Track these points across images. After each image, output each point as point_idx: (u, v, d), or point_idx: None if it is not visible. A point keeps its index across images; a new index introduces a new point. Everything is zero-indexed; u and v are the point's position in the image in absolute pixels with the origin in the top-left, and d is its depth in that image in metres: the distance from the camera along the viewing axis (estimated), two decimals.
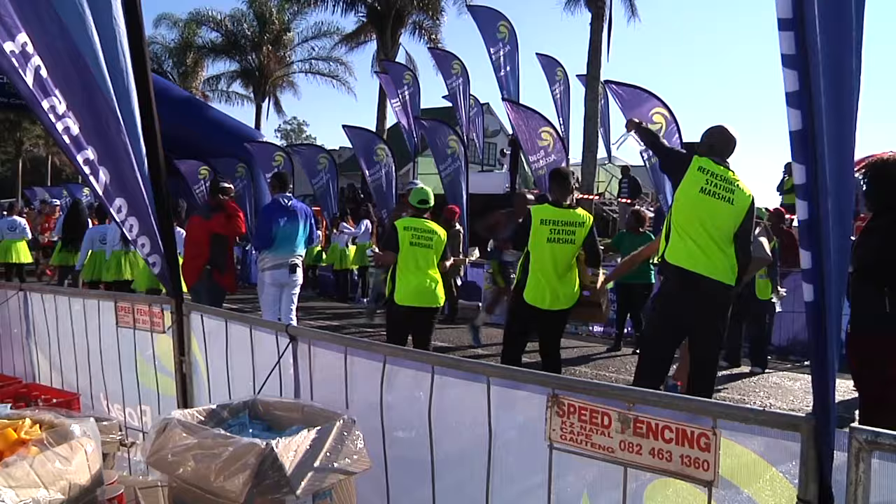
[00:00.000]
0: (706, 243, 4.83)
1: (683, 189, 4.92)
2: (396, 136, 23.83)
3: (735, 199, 4.85)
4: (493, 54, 18.54)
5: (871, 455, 1.71)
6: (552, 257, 5.80)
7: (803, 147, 1.53)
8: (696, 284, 4.82)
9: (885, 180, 4.38)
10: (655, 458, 2.07)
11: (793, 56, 1.49)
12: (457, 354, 8.20)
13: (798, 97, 1.51)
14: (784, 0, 1.47)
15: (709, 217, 4.84)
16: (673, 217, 5.01)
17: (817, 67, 1.49)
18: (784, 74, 1.51)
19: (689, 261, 4.85)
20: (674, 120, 12.33)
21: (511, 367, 2.67)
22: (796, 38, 1.47)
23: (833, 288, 1.64)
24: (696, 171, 4.88)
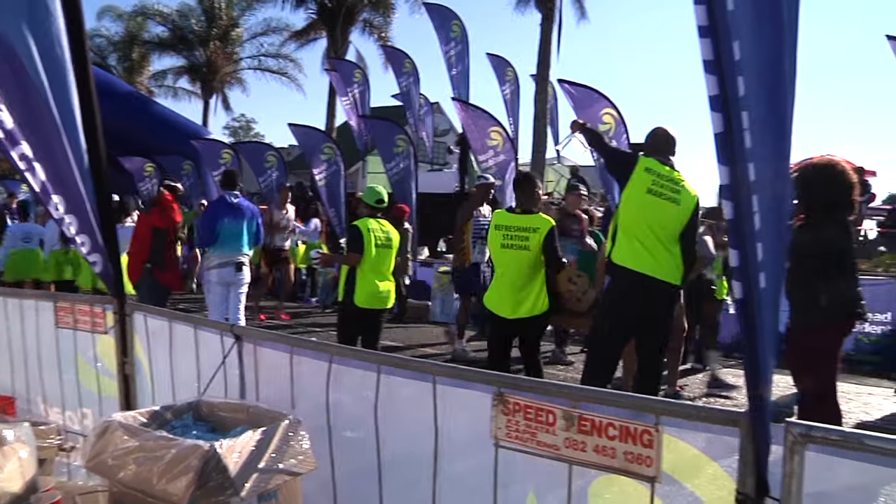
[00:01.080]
0: (652, 244, 4.90)
1: (630, 190, 4.98)
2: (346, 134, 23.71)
3: (681, 200, 4.93)
4: (446, 53, 18.55)
5: (805, 448, 1.76)
6: (508, 264, 5.73)
7: (726, 149, 1.57)
8: (643, 284, 4.89)
9: (814, 183, 4.52)
10: (599, 455, 2.09)
11: (711, 61, 1.53)
12: (405, 354, 8.23)
13: (719, 101, 1.55)
14: (700, 8, 1.51)
15: (655, 218, 4.91)
16: (619, 218, 5.07)
17: (735, 72, 1.53)
18: (706, 79, 1.55)
19: (635, 261, 4.91)
20: (622, 121, 12.49)
21: (457, 367, 2.69)
22: (713, 44, 1.52)
23: (767, 285, 1.68)
24: (643, 171, 4.95)
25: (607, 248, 5.19)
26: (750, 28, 1.59)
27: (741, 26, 1.55)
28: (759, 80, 1.61)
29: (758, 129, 1.61)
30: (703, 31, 1.53)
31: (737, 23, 1.54)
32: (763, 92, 1.63)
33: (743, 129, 1.57)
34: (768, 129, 1.63)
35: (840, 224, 4.52)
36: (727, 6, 1.53)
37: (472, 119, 12.62)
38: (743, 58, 1.55)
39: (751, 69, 1.57)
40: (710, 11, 1.52)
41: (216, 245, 7.71)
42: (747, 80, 1.57)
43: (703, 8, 1.53)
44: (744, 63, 1.56)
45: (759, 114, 1.60)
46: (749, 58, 1.57)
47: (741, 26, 1.55)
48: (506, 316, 5.70)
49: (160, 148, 17.35)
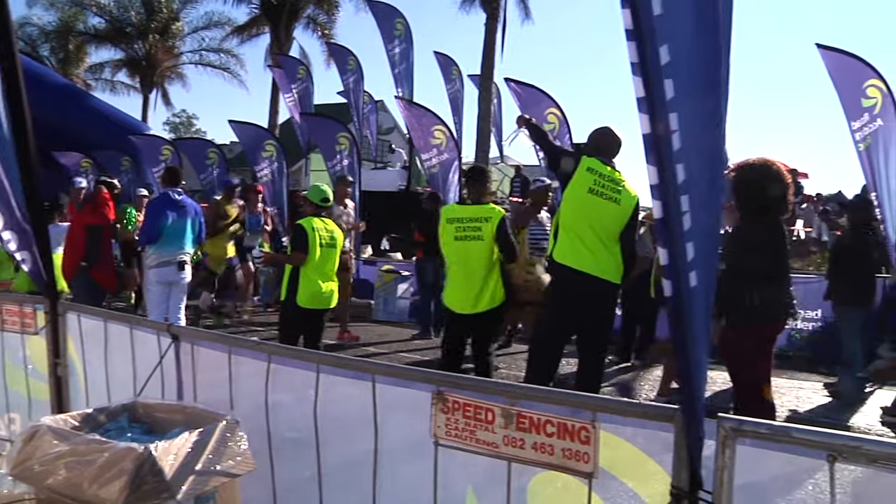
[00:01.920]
0: (593, 243, 4.95)
1: (572, 189, 5.02)
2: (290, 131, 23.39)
3: (622, 200, 4.99)
4: (390, 51, 18.48)
5: (736, 442, 1.80)
6: (464, 257, 5.68)
7: (653, 149, 1.60)
8: (584, 283, 4.94)
9: (750, 184, 4.63)
10: (538, 452, 2.11)
11: (638, 64, 1.56)
12: (348, 353, 8.17)
13: (645, 103, 1.57)
14: (626, 12, 1.54)
15: (596, 217, 4.96)
16: (561, 216, 5.11)
17: (661, 75, 1.56)
18: (633, 81, 1.58)
19: (576, 260, 4.96)
20: (566, 121, 12.64)
21: (396, 366, 2.68)
22: (638, 47, 1.54)
23: (698, 284, 1.71)
24: (585, 171, 4.99)
25: (549, 246, 5.23)
26: (683, 31, 1.62)
27: (671, 30, 1.58)
28: (690, 82, 1.64)
29: (688, 130, 1.63)
30: (630, 34, 1.56)
31: (665, 26, 1.56)
32: (695, 95, 1.66)
33: (672, 131, 1.60)
34: (699, 130, 1.66)
35: (774, 224, 4.63)
36: (653, 10, 1.55)
37: (416, 117, 12.61)
38: (672, 60, 1.58)
39: (681, 72, 1.60)
40: (636, 15, 1.55)
41: (158, 243, 7.53)
42: (677, 83, 1.59)
43: (629, 12, 1.55)
44: (673, 66, 1.58)
45: (689, 116, 1.63)
46: (680, 60, 1.60)
47: (671, 30, 1.58)
48: (466, 312, 5.68)
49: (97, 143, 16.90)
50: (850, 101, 12.26)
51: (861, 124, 12.27)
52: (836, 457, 1.71)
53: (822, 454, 1.74)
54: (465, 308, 5.68)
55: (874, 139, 12.25)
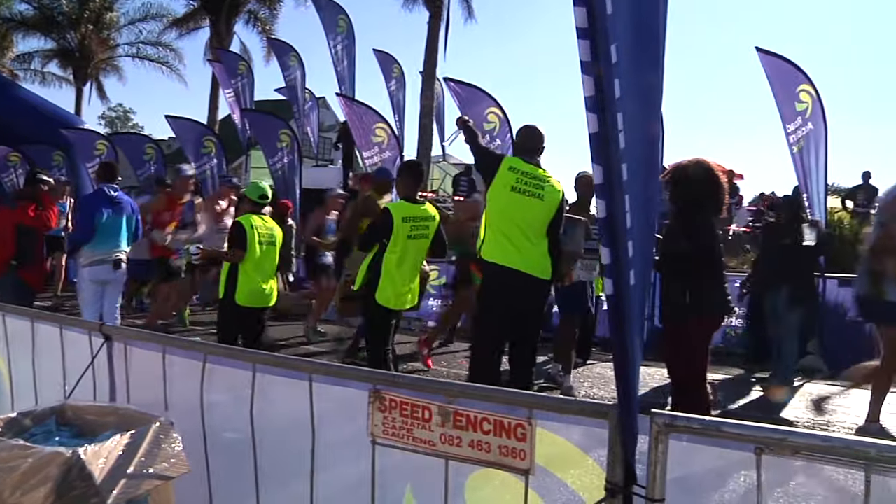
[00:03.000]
0: (518, 239, 5.05)
1: (495, 188, 5.15)
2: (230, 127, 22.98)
3: (545, 195, 5.10)
4: (333, 48, 18.33)
5: (669, 437, 1.83)
6: (412, 254, 5.71)
7: (600, 149, 1.61)
8: (512, 280, 5.02)
9: (684, 184, 4.73)
10: (475, 450, 2.11)
11: (589, 63, 1.57)
12: (288, 352, 8.08)
13: (594, 101, 1.58)
14: (580, 11, 1.55)
15: (520, 214, 5.07)
16: (487, 215, 5.21)
17: (611, 74, 1.57)
18: (582, 80, 1.58)
19: (503, 257, 5.06)
20: (507, 120, 12.70)
21: (332, 364, 2.66)
22: (591, 46, 1.55)
23: (636, 281, 1.74)
24: (507, 170, 5.11)
25: (478, 245, 5.31)
26: (626, 32, 1.63)
27: (618, 30, 1.59)
28: (633, 82, 1.66)
29: (631, 130, 1.65)
30: (582, 32, 1.56)
31: (614, 26, 1.58)
32: (637, 95, 1.67)
33: (618, 131, 1.61)
34: (641, 130, 1.68)
35: (709, 224, 4.74)
36: (607, 9, 1.56)
37: (357, 115, 12.52)
38: (619, 60, 1.59)
39: (626, 72, 1.62)
40: (591, 14, 1.55)
41: (92, 241, 7.29)
42: (622, 83, 1.61)
43: (584, 10, 1.55)
44: (619, 66, 1.59)
45: (632, 115, 1.65)
46: (624, 61, 1.61)
47: (618, 30, 1.59)
48: (400, 308, 5.73)
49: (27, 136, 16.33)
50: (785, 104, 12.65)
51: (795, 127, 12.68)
52: (763, 449, 1.76)
53: (751, 447, 1.78)
54: (400, 304, 5.72)
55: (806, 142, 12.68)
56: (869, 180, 15.96)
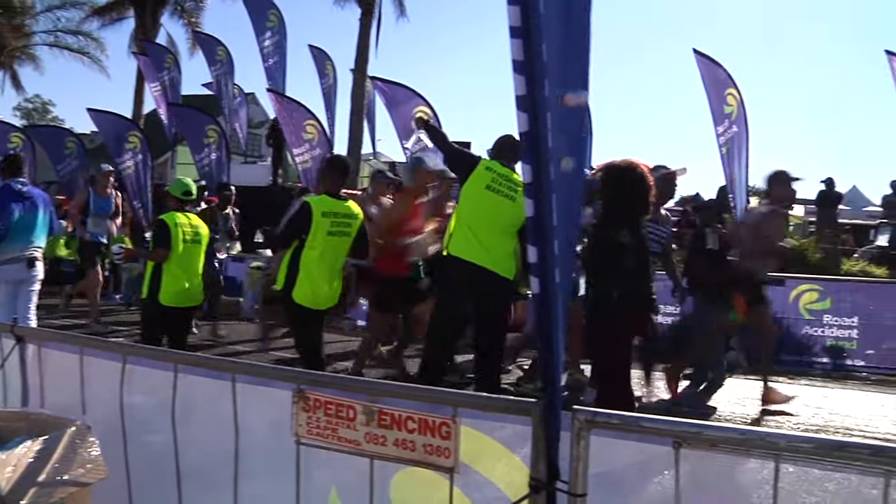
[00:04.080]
0: (487, 237, 5.11)
1: (470, 185, 5.22)
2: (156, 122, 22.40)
3: (517, 198, 5.16)
4: (262, 43, 18.05)
5: (590, 433, 1.86)
6: (332, 252, 5.57)
7: (531, 148, 1.62)
8: (475, 276, 5.06)
9: (614, 183, 4.82)
10: (399, 449, 2.11)
11: (521, 62, 1.57)
12: (214, 352, 7.93)
13: (526, 101, 1.59)
14: (514, 9, 1.55)
15: (492, 212, 5.14)
16: (459, 212, 5.25)
17: (543, 73, 1.58)
18: (514, 79, 1.59)
19: (468, 252, 5.11)
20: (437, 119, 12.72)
21: (255, 364, 2.62)
22: (524, 45, 1.56)
23: (559, 279, 1.76)
24: (484, 170, 5.24)
25: (445, 242, 5.33)
26: (556, 31, 1.64)
27: (548, 29, 1.60)
28: (561, 82, 1.67)
29: (557, 129, 1.67)
30: (515, 31, 1.56)
31: (545, 25, 1.58)
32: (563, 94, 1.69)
33: (547, 129, 1.62)
34: (566, 129, 1.70)
35: (637, 223, 4.81)
36: (540, 9, 1.56)
37: (288, 111, 12.39)
38: (548, 60, 1.60)
39: (554, 71, 1.63)
40: (525, 12, 1.55)
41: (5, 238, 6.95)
42: (551, 82, 1.62)
43: (518, 9, 1.55)
44: (549, 65, 1.60)
45: (557, 115, 1.66)
46: (553, 60, 1.62)
47: (548, 29, 1.60)
48: (321, 307, 5.60)
49: None
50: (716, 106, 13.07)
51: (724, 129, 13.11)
52: (681, 443, 1.80)
53: (669, 441, 1.83)
54: (320, 304, 5.59)
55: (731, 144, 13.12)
56: None
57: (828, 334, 9.57)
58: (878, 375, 8.48)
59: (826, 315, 9.58)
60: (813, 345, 9.60)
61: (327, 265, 5.55)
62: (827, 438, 1.86)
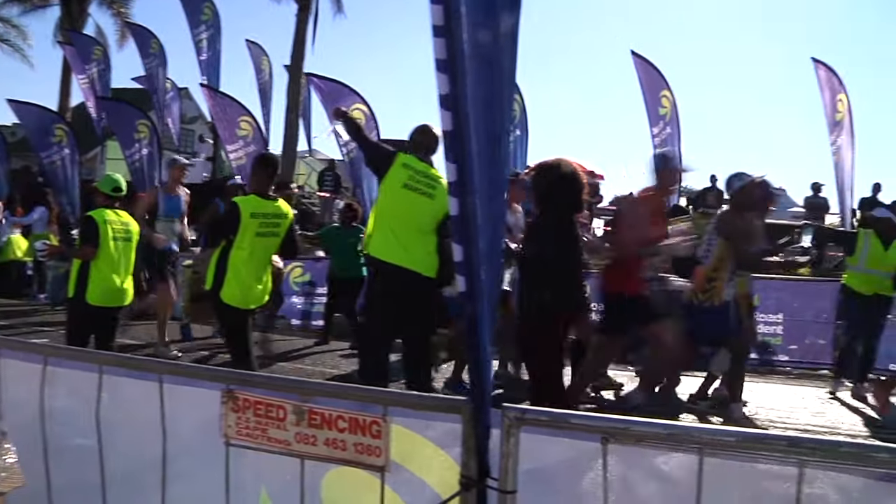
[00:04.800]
0: (406, 237, 5.04)
1: (387, 184, 5.11)
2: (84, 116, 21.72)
3: (436, 195, 5.11)
4: (196, 36, 17.69)
5: (520, 430, 1.88)
6: (261, 252, 5.48)
7: (454, 146, 1.63)
8: (398, 277, 5.01)
9: (546, 183, 4.87)
10: (330, 448, 2.09)
11: (444, 61, 1.58)
12: (145, 353, 7.73)
13: (449, 99, 1.60)
14: (436, 8, 1.55)
15: (410, 211, 5.07)
16: (377, 211, 5.19)
17: (465, 73, 1.59)
18: (437, 78, 1.59)
19: (389, 253, 5.04)
20: (373, 117, 12.69)
21: (183, 364, 2.57)
22: (447, 44, 1.56)
23: (486, 278, 1.77)
24: (401, 167, 5.10)
25: (365, 240, 5.27)
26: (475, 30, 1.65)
27: (467, 27, 1.61)
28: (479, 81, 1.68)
29: (481, 128, 1.67)
30: (438, 30, 1.57)
31: (466, 24, 1.59)
32: (482, 93, 1.70)
33: (471, 128, 1.63)
34: (485, 128, 1.71)
35: (569, 221, 4.86)
36: (462, 8, 1.57)
37: (222, 107, 12.20)
38: (469, 58, 1.61)
39: (476, 71, 1.64)
40: (447, 11, 1.56)
41: None
42: (471, 81, 1.63)
43: (440, 8, 1.56)
44: (469, 63, 1.61)
45: (478, 114, 1.67)
46: (471, 58, 1.63)
47: (467, 27, 1.61)
48: (249, 307, 5.51)
49: None
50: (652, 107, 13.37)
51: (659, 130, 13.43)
52: (609, 438, 1.83)
53: (597, 437, 1.86)
54: (249, 303, 5.49)
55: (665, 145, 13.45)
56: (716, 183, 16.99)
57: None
58: (801, 370, 8.78)
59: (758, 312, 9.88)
60: None
61: (256, 265, 5.47)
62: (748, 431, 1.93)
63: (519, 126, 11.68)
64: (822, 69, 14.09)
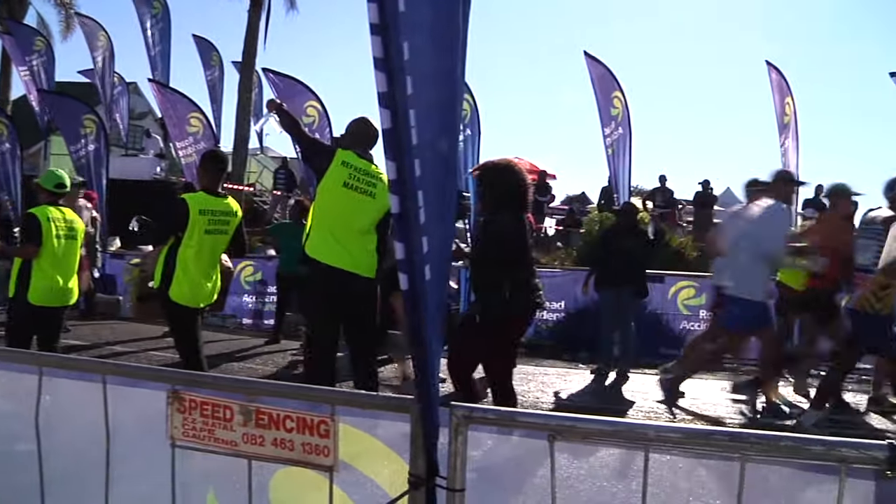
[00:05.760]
0: (345, 237, 4.94)
1: (326, 183, 4.99)
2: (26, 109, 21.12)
3: (377, 193, 5.01)
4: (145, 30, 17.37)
5: (468, 428, 1.89)
6: (209, 250, 5.40)
7: (394, 144, 1.63)
8: (337, 278, 4.92)
9: (493, 182, 4.87)
10: (278, 449, 2.07)
11: (381, 59, 1.58)
12: (91, 353, 7.59)
13: (387, 97, 1.60)
14: (373, 6, 1.55)
15: (350, 211, 4.95)
16: (315, 211, 5.07)
17: (403, 71, 1.59)
18: (375, 76, 1.59)
19: (328, 255, 4.92)
20: (326, 115, 12.62)
21: (127, 364, 2.52)
22: (384, 42, 1.56)
23: (432, 276, 1.77)
24: (340, 165, 4.96)
25: (304, 239, 5.17)
26: (421, 28, 1.65)
27: (412, 27, 1.61)
28: (425, 80, 1.68)
29: (424, 126, 1.67)
30: (375, 28, 1.57)
31: (407, 22, 1.59)
32: (427, 92, 1.70)
33: (410, 127, 1.63)
34: (431, 127, 1.71)
35: (517, 220, 4.87)
36: (399, 7, 1.57)
37: (171, 103, 12.00)
38: (411, 58, 1.61)
39: (418, 68, 1.64)
40: (382, 10, 1.56)
41: None
42: (414, 80, 1.62)
43: (376, 6, 1.56)
44: (412, 62, 1.61)
45: (423, 112, 1.67)
46: (417, 57, 1.63)
47: (412, 27, 1.61)
48: (198, 305, 5.44)
49: None
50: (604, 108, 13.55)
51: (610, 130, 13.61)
52: (556, 436, 1.85)
53: (544, 435, 1.87)
54: (198, 301, 5.43)
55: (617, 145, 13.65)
56: (665, 183, 17.31)
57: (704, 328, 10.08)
58: (747, 367, 8.97)
59: (702, 310, 10.10)
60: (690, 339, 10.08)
61: (205, 263, 5.41)
62: (692, 427, 1.97)
63: (470, 125, 11.70)
64: (774, 72, 14.48)
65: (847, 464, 1.68)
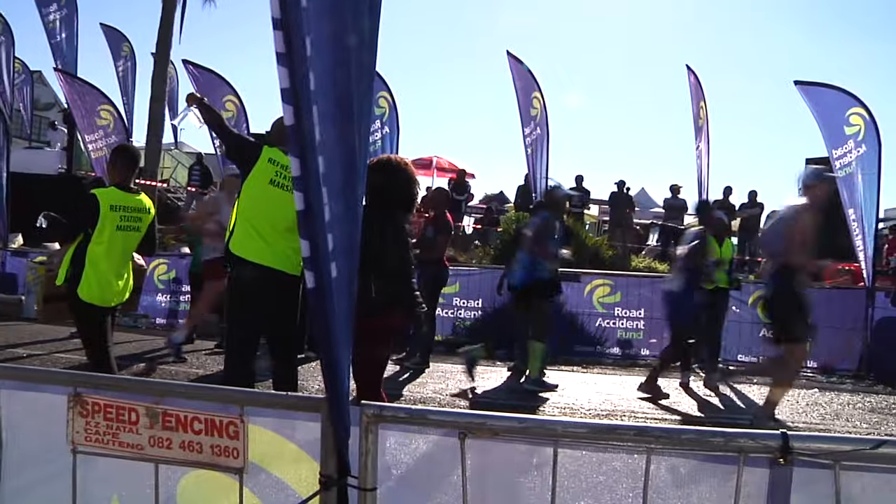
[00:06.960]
0: (271, 234, 4.84)
1: (252, 180, 4.87)
2: None
3: None
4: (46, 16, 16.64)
5: (378, 427, 1.89)
6: (120, 247, 5.22)
7: (297, 140, 1.62)
8: (261, 275, 4.82)
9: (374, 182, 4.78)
10: (186, 451, 2.03)
11: (284, 54, 1.57)
12: None
13: (289, 93, 1.58)
14: (274, 1, 1.54)
15: (276, 209, 4.85)
16: (240, 207, 4.95)
17: (306, 66, 1.58)
18: (278, 71, 1.58)
19: (252, 252, 4.81)
20: (244, 110, 12.39)
21: (23, 367, 2.42)
22: (284, 37, 1.55)
23: (338, 274, 1.76)
24: (266, 162, 4.87)
25: (226, 236, 5.02)
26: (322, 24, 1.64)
27: (313, 22, 1.60)
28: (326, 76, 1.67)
29: (327, 123, 1.67)
30: (277, 23, 1.55)
31: (309, 17, 1.58)
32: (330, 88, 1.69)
33: (313, 123, 1.62)
34: (335, 123, 1.70)
35: (398, 220, 4.73)
36: (301, 2, 1.56)
37: (79, 94, 11.53)
38: (314, 54, 1.60)
39: (320, 65, 1.63)
40: (284, 4, 1.54)
41: None
42: (316, 76, 1.61)
43: (277, 1, 1.54)
44: (313, 59, 1.60)
45: (327, 109, 1.66)
46: (320, 53, 1.62)
47: (313, 22, 1.60)
48: (109, 305, 5.24)
49: None
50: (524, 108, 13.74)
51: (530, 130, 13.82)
52: (466, 433, 1.87)
53: (455, 432, 1.89)
54: (109, 300, 5.24)
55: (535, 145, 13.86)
56: (581, 183, 17.65)
57: (618, 325, 10.35)
58: None
59: (617, 308, 10.36)
60: (605, 336, 10.35)
61: (116, 260, 5.23)
62: (599, 423, 2.02)
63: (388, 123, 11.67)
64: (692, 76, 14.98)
65: (745, 453, 1.76)
